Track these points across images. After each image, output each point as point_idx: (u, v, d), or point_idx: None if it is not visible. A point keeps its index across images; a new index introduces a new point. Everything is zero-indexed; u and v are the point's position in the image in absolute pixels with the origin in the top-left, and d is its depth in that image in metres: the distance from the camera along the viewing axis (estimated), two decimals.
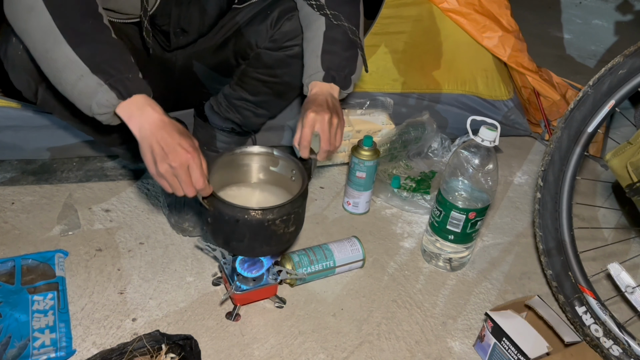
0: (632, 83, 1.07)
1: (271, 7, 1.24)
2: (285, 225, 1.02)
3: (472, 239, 1.27)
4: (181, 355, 0.98)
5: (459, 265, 1.32)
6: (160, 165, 0.89)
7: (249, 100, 1.36)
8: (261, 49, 1.26)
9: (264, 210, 0.99)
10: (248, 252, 1.06)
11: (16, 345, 0.99)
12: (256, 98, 1.35)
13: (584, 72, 2.58)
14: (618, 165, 1.04)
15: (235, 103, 1.38)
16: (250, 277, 1.10)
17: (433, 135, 1.63)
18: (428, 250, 1.32)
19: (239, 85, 1.35)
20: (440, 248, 1.29)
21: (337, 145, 1.07)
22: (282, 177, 1.14)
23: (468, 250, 1.30)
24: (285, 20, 1.21)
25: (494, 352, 1.06)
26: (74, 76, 0.89)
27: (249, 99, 1.36)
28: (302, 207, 1.06)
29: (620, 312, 1.25)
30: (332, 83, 1.09)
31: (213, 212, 1.00)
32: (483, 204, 1.21)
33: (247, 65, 1.31)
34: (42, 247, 1.23)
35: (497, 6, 1.60)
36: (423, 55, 1.65)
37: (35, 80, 1.04)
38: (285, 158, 1.12)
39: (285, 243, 1.07)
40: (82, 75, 0.88)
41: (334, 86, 1.09)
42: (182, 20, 1.22)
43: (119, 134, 1.19)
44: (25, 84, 1.05)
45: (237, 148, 1.12)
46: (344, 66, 1.10)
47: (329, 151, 1.05)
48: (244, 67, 1.32)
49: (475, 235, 1.27)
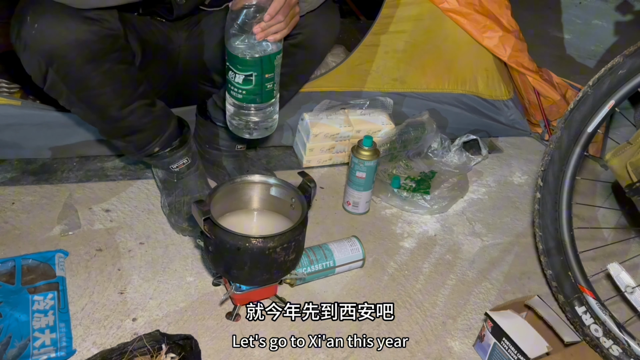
0: (632, 83, 1.07)
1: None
2: (286, 253, 1.03)
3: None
4: (181, 355, 0.98)
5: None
6: None
7: None
8: None
9: (265, 239, 1.00)
10: (249, 280, 1.07)
11: (16, 345, 0.99)
12: None
13: (584, 72, 2.57)
14: (618, 165, 1.04)
15: None
16: None
17: (433, 135, 1.63)
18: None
19: None
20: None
21: (281, 27, 1.02)
22: (282, 205, 1.15)
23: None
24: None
25: (493, 352, 1.07)
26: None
27: None
28: (302, 235, 1.07)
29: (620, 312, 1.25)
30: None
31: (214, 240, 1.00)
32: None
33: None
34: (42, 247, 1.23)
35: (497, 6, 1.60)
36: (423, 55, 1.65)
37: (47, 62, 1.05)
38: (285, 186, 1.13)
39: (285, 271, 1.08)
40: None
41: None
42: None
43: (125, 124, 1.20)
44: (36, 65, 1.05)
45: (237, 177, 1.15)
46: None
47: (270, 28, 1.01)
48: None
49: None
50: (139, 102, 1.18)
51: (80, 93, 1.11)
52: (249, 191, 1.17)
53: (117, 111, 1.16)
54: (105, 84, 1.11)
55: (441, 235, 1.43)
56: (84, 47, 1.04)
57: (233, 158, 1.46)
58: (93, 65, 1.07)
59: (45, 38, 1.01)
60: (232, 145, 1.45)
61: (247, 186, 1.16)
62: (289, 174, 1.53)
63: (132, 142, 1.25)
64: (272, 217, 1.17)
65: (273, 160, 1.63)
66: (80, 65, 1.06)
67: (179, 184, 1.34)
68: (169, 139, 1.28)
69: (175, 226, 1.32)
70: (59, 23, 1.01)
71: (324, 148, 1.60)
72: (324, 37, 1.31)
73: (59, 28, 1.01)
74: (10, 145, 1.43)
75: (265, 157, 1.63)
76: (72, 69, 1.06)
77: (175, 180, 1.34)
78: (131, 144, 1.26)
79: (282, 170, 1.58)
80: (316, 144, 1.58)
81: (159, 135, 1.26)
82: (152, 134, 1.25)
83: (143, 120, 1.21)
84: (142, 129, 1.23)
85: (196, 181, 1.35)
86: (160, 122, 1.25)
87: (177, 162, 1.32)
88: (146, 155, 1.28)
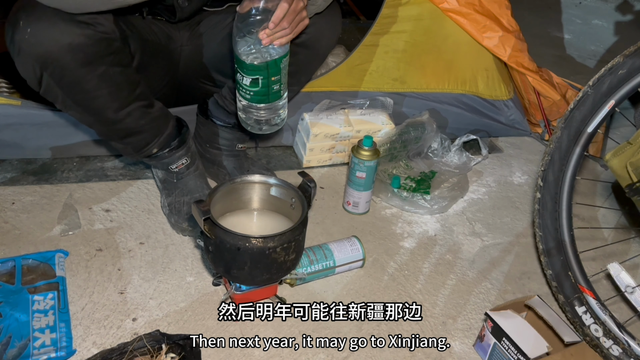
0: (632, 83, 1.07)
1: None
2: (286, 253, 1.03)
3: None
4: (181, 355, 0.98)
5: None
6: None
7: None
8: None
9: (265, 238, 1.00)
10: (249, 280, 1.07)
11: (16, 345, 0.99)
12: None
13: (584, 72, 2.58)
14: (618, 165, 1.04)
15: None
16: None
17: (433, 135, 1.63)
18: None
19: None
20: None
21: (287, 32, 1.03)
22: (282, 205, 1.16)
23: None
24: None
25: (493, 352, 1.07)
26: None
27: None
28: (302, 235, 1.07)
29: (620, 312, 1.25)
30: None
31: (214, 240, 1.00)
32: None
33: None
34: (42, 247, 1.23)
35: (497, 6, 1.60)
36: (423, 55, 1.65)
37: (41, 66, 1.04)
38: (285, 186, 1.13)
39: (285, 271, 1.08)
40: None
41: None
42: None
43: (122, 126, 1.19)
44: (31, 70, 1.05)
45: (237, 177, 1.15)
46: None
47: (276, 34, 1.02)
48: None
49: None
50: (136, 104, 1.18)
51: (76, 96, 1.11)
52: (249, 191, 1.17)
53: (114, 114, 1.16)
54: (100, 87, 1.10)
55: (441, 235, 1.43)
56: (78, 50, 1.03)
57: (233, 158, 1.46)
58: (88, 68, 1.07)
59: (38, 42, 1.00)
60: (232, 145, 1.45)
61: (247, 186, 1.16)
62: (289, 174, 1.53)
63: (130, 144, 1.25)
64: (272, 217, 1.17)
65: (273, 160, 1.63)
66: (74, 69, 1.05)
67: (179, 184, 1.34)
68: (167, 140, 1.28)
69: (175, 226, 1.32)
70: (52, 27, 1.00)
71: (324, 148, 1.60)
72: (327, 38, 1.31)
73: (52, 32, 1.01)
74: (10, 145, 1.43)
75: (265, 157, 1.63)
76: (66, 73, 1.06)
77: (175, 180, 1.34)
78: (129, 146, 1.26)
79: (282, 170, 1.58)
80: (316, 144, 1.58)
81: (157, 136, 1.26)
82: (150, 135, 1.25)
83: (140, 122, 1.21)
84: (140, 130, 1.22)
85: (196, 181, 1.36)
86: (158, 123, 1.25)
87: (176, 162, 1.32)
88: (145, 156, 1.28)
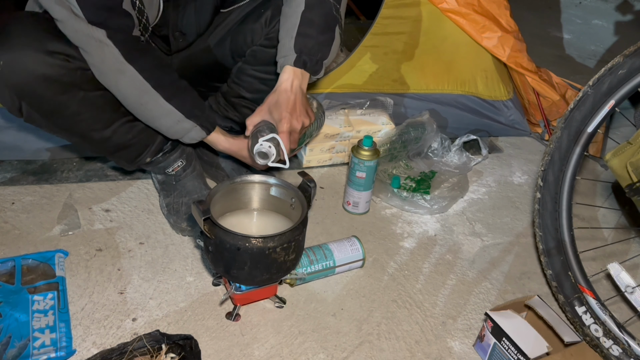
0: (632, 83, 1.07)
1: (264, 5, 1.25)
2: (286, 253, 1.03)
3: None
4: (181, 355, 0.98)
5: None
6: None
7: (246, 97, 1.36)
8: (257, 46, 1.27)
9: (265, 238, 1.00)
10: (249, 280, 1.06)
11: (16, 345, 0.99)
12: (253, 95, 1.35)
13: (584, 72, 2.58)
14: (618, 165, 1.04)
15: (233, 101, 1.38)
16: None
17: (433, 135, 1.63)
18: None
19: (236, 83, 1.35)
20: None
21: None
22: (282, 205, 1.16)
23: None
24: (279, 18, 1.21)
25: (493, 352, 1.07)
26: (171, 121, 1.12)
27: (246, 96, 1.36)
28: (302, 235, 1.07)
29: (620, 312, 1.25)
30: (303, 69, 1.10)
31: (214, 240, 1.00)
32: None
33: (244, 62, 1.32)
34: (42, 247, 1.23)
35: (496, 6, 1.60)
36: (423, 55, 1.65)
37: (19, 96, 1.04)
38: (285, 186, 1.14)
39: (285, 271, 1.08)
40: (179, 120, 1.12)
41: (305, 73, 1.11)
42: (179, 23, 1.23)
43: (110, 143, 1.20)
44: (9, 99, 1.04)
45: (237, 177, 1.15)
46: (317, 51, 1.11)
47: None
48: (241, 65, 1.32)
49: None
50: (121, 121, 1.18)
51: (58, 121, 1.11)
52: (249, 191, 1.17)
53: (99, 133, 1.16)
54: (82, 111, 1.10)
55: (441, 235, 1.43)
56: (53, 81, 1.03)
57: (230, 159, 1.46)
58: (66, 96, 1.06)
59: (12, 73, 1.00)
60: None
61: (247, 186, 1.16)
62: (289, 174, 1.53)
63: (122, 157, 1.26)
64: (272, 217, 1.17)
65: None
66: (52, 98, 1.05)
67: (177, 185, 1.34)
68: (159, 146, 1.28)
69: (175, 226, 1.32)
70: (25, 58, 1.00)
71: (324, 148, 1.60)
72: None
73: (26, 63, 1.00)
74: (10, 147, 1.43)
75: None
76: (44, 102, 1.05)
77: (174, 182, 1.34)
78: (122, 159, 1.27)
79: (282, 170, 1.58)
80: (316, 144, 1.58)
81: (148, 146, 1.26)
82: (140, 146, 1.25)
83: (128, 136, 1.21)
84: (129, 144, 1.23)
85: (194, 182, 1.36)
86: (147, 133, 1.24)
87: (171, 165, 1.32)
88: (139, 165, 1.29)
